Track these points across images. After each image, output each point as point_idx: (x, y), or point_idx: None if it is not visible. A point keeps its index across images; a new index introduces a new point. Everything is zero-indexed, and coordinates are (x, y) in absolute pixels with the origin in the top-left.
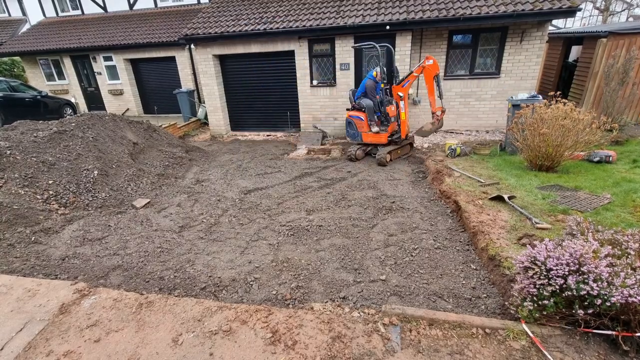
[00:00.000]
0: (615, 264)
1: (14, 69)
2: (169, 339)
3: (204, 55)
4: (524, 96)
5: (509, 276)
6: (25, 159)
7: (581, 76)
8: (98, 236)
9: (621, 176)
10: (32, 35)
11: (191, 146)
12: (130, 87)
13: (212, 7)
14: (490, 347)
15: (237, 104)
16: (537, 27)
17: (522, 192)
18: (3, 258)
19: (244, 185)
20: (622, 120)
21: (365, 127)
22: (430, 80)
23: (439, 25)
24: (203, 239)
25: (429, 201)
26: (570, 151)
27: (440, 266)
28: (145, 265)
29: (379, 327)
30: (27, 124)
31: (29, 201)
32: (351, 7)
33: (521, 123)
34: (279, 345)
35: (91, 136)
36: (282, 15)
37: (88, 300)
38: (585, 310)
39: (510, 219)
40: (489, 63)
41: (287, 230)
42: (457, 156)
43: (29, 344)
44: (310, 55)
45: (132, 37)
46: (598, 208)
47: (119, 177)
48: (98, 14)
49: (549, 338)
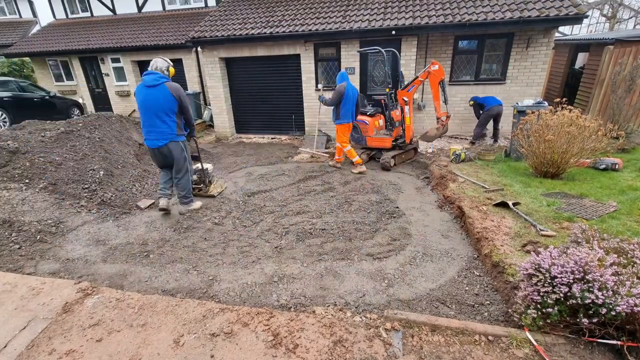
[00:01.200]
0: (620, 273)
1: (24, 70)
2: (170, 340)
3: (211, 58)
4: (529, 102)
5: (512, 283)
6: (33, 158)
7: (587, 83)
8: (102, 236)
9: (627, 184)
10: (42, 36)
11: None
12: None
13: (219, 11)
14: (493, 354)
15: (243, 106)
16: (544, 33)
17: (526, 198)
18: (8, 256)
19: (248, 187)
20: (629, 128)
21: (370, 131)
22: (436, 86)
23: (444, 30)
24: (207, 240)
25: (432, 206)
26: (576, 158)
27: (443, 272)
28: (148, 266)
29: (380, 332)
30: (35, 123)
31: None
32: (357, 11)
33: (526, 129)
34: (280, 348)
35: (98, 137)
36: (288, 19)
37: (91, 300)
38: (590, 319)
39: (514, 225)
40: (494, 69)
41: (290, 234)
42: (461, 162)
43: (32, 342)
44: (316, 59)
45: (140, 39)
46: (604, 216)
47: (125, 177)
48: (107, 16)
49: (552, 347)
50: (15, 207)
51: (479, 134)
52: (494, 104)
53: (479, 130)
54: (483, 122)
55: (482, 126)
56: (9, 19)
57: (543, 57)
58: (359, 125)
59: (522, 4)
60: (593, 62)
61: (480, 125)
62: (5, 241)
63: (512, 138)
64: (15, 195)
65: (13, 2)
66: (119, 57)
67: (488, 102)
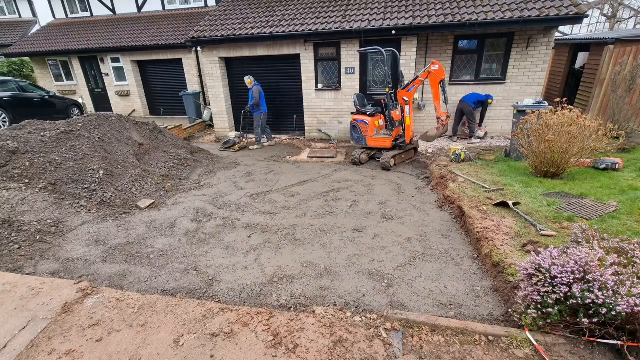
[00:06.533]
0: (621, 273)
1: (24, 69)
2: (170, 340)
3: (211, 57)
4: (529, 102)
5: (512, 283)
6: (33, 158)
7: (588, 83)
8: (102, 236)
9: (627, 184)
10: (42, 36)
11: (196, 148)
12: (136, 88)
13: (219, 11)
14: (493, 354)
15: (243, 106)
16: (544, 33)
17: (527, 198)
18: (8, 256)
19: (248, 188)
20: (629, 128)
21: (370, 131)
22: (436, 85)
23: (444, 30)
24: (205, 242)
25: (432, 206)
26: (576, 158)
27: (443, 272)
28: (148, 266)
29: (380, 332)
30: (35, 123)
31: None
32: (357, 11)
33: (526, 129)
34: (280, 348)
35: (97, 136)
36: (288, 19)
37: (91, 300)
38: (590, 319)
39: (514, 225)
40: (494, 69)
41: (288, 235)
42: (461, 161)
43: (31, 342)
44: (316, 59)
45: (140, 39)
46: (604, 216)
47: (124, 177)
48: (107, 16)
49: (553, 347)
50: (15, 207)
51: (473, 128)
52: (462, 99)
53: (472, 126)
54: (459, 117)
55: (466, 121)
56: (8, 18)
57: (543, 57)
58: (358, 125)
59: (522, 4)
60: (593, 62)
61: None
62: (5, 241)
63: (512, 138)
64: (15, 195)
65: (13, 2)
66: (118, 57)
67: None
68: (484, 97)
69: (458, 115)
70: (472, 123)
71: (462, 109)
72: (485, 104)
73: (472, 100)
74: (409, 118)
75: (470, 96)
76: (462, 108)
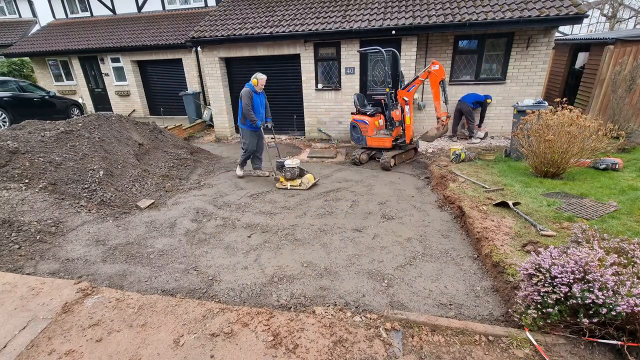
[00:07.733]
0: (621, 273)
1: (24, 69)
2: (170, 340)
3: (210, 57)
4: (529, 102)
5: (512, 283)
6: (33, 158)
7: (588, 83)
8: (102, 236)
9: (628, 184)
10: (42, 36)
11: (196, 148)
12: (136, 88)
13: (219, 11)
14: (493, 354)
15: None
16: (544, 33)
17: (527, 198)
18: (8, 256)
19: (248, 188)
20: (629, 128)
21: (370, 131)
22: (436, 85)
23: (444, 30)
24: (205, 242)
25: (432, 206)
26: (576, 158)
27: (443, 272)
28: (148, 266)
29: (380, 332)
30: (35, 123)
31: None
32: (357, 11)
33: (526, 129)
34: (280, 348)
35: (97, 137)
36: (288, 19)
37: (91, 300)
38: (590, 319)
39: (514, 225)
40: (494, 69)
41: (288, 235)
42: (461, 161)
43: (31, 342)
44: (316, 59)
45: (140, 39)
46: (604, 216)
47: (124, 177)
48: (106, 16)
49: (553, 347)
50: (15, 207)
51: (472, 129)
52: (461, 99)
53: (470, 125)
54: (457, 117)
55: (465, 122)
56: (8, 18)
57: (543, 57)
58: (358, 125)
59: (522, 4)
60: (593, 62)
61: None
62: (5, 241)
63: (512, 138)
64: (15, 195)
65: (13, 2)
66: (118, 57)
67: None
68: (482, 98)
69: (457, 115)
70: (471, 123)
71: (461, 109)
72: (484, 104)
73: (470, 100)
74: (409, 118)
75: (468, 96)
76: (460, 108)
